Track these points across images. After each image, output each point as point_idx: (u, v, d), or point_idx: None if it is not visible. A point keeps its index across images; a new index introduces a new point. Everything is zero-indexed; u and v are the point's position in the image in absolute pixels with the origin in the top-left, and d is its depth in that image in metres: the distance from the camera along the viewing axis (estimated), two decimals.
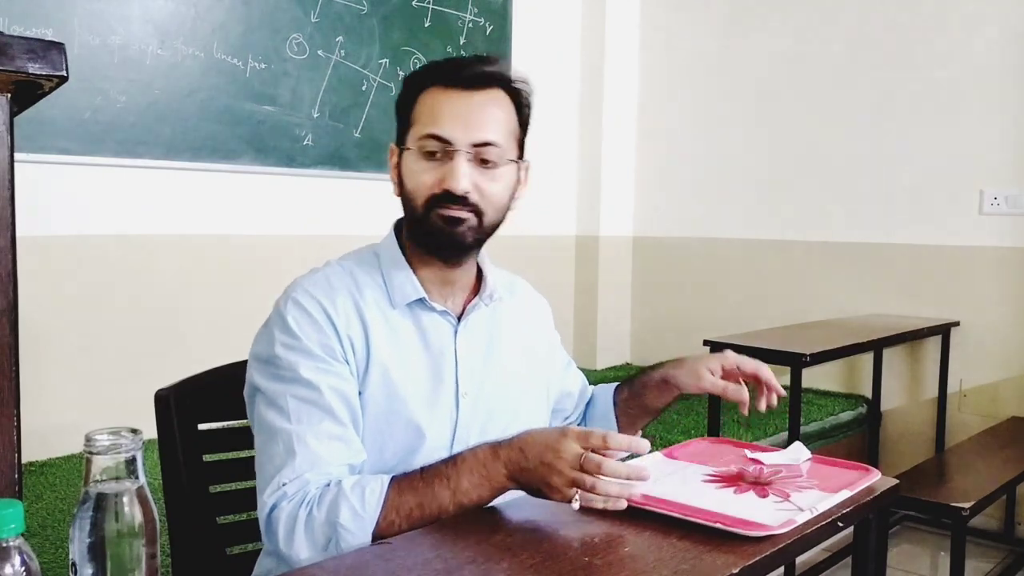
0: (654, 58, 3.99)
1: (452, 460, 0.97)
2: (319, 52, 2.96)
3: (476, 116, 1.04)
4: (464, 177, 1.02)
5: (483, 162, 1.04)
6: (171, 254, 2.67)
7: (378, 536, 0.91)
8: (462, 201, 1.03)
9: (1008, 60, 2.98)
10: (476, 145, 1.03)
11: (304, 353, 1.00)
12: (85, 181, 2.47)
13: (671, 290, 3.95)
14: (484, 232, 1.08)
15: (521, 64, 4.20)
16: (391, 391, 1.04)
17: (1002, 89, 3.00)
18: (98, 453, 0.63)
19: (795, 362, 2.31)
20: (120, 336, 2.55)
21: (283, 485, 0.94)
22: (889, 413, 3.31)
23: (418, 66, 1.11)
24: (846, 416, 3.13)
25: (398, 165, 1.09)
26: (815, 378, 3.35)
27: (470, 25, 3.46)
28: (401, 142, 1.08)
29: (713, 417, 2.44)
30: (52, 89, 0.78)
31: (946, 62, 3.11)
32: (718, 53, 3.76)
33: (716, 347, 2.47)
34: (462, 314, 1.12)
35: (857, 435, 3.22)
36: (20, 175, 0.79)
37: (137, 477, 0.64)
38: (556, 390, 1.30)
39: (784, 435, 2.68)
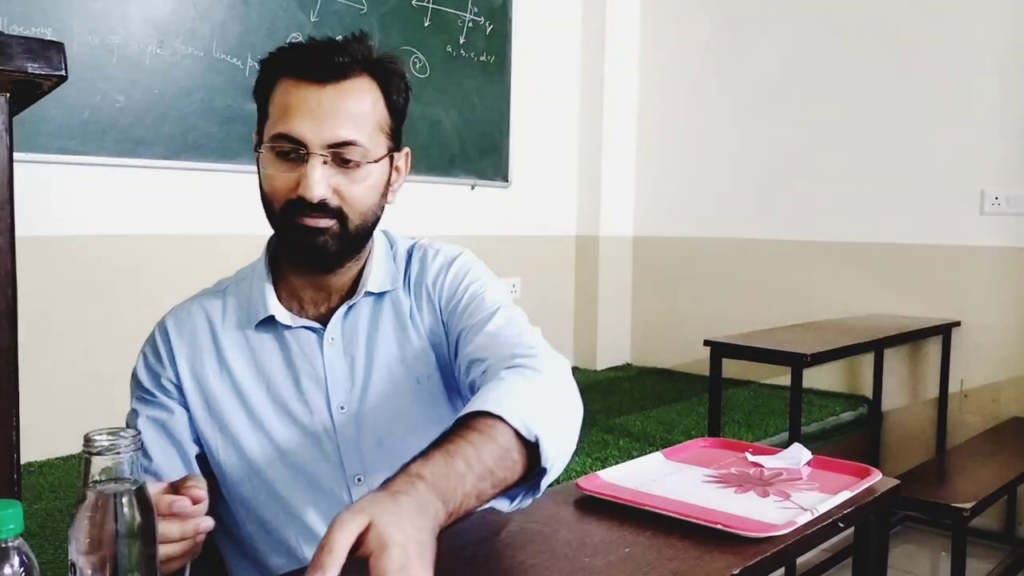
0: (654, 58, 3.99)
1: None
2: None
3: (331, 113, 0.93)
4: (318, 183, 0.92)
5: (344, 162, 0.94)
6: (171, 254, 2.66)
7: None
8: (321, 208, 0.93)
9: (1009, 60, 2.98)
10: (332, 146, 0.93)
11: (136, 384, 1.02)
12: (84, 181, 2.46)
13: (671, 290, 3.95)
14: (351, 238, 0.98)
15: (521, 64, 4.19)
16: (248, 415, 1.01)
17: (1003, 89, 3.00)
18: (97, 453, 0.63)
19: (796, 362, 2.31)
20: (120, 336, 2.54)
21: None
22: (890, 413, 3.31)
23: (274, 49, 1.00)
24: (847, 416, 3.13)
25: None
26: (815, 378, 3.35)
27: (470, 24, 3.46)
28: (259, 133, 0.99)
29: (713, 418, 2.44)
30: (51, 89, 0.78)
31: (947, 61, 3.11)
32: (718, 53, 3.76)
33: (716, 347, 2.47)
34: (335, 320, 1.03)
35: (858, 435, 3.21)
36: (19, 175, 0.78)
37: (136, 477, 0.64)
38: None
39: (785, 435, 2.68)
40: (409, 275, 1.08)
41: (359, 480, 1.02)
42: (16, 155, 0.77)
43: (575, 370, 3.98)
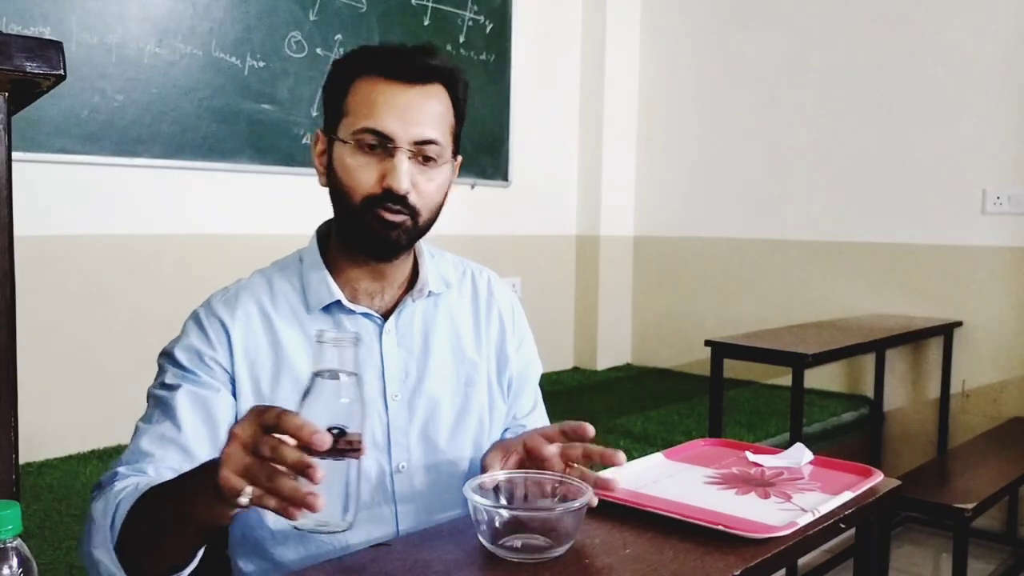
0: (654, 58, 3.99)
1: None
2: (318, 50, 2.95)
3: (417, 111, 0.99)
4: (406, 176, 0.98)
5: (424, 160, 1.00)
6: (169, 253, 2.66)
7: (122, 538, 0.82)
8: (401, 202, 0.98)
9: (1010, 59, 2.98)
10: (418, 143, 0.99)
11: (174, 362, 1.00)
12: (83, 180, 2.46)
13: (671, 290, 3.95)
14: (418, 233, 1.04)
15: (521, 63, 4.19)
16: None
17: (1004, 88, 2.99)
18: (326, 342, 0.72)
19: (797, 362, 2.31)
20: (118, 336, 2.54)
21: (104, 475, 0.93)
22: (891, 414, 3.30)
23: (351, 51, 1.04)
24: (848, 417, 3.13)
25: (326, 155, 1.04)
26: (817, 379, 3.35)
27: (470, 23, 3.45)
28: (331, 131, 1.02)
29: (715, 418, 2.44)
30: (50, 88, 0.78)
31: (948, 60, 3.11)
32: (718, 53, 3.75)
33: (717, 347, 2.47)
34: (393, 312, 1.08)
35: (859, 436, 3.21)
36: (17, 174, 0.78)
37: (353, 370, 0.73)
38: (509, 389, 1.19)
39: (786, 436, 2.68)
40: (476, 291, 1.17)
41: (401, 468, 1.05)
42: (14, 154, 0.77)
43: (575, 370, 3.98)
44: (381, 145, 0.98)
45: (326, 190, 1.06)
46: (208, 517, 0.76)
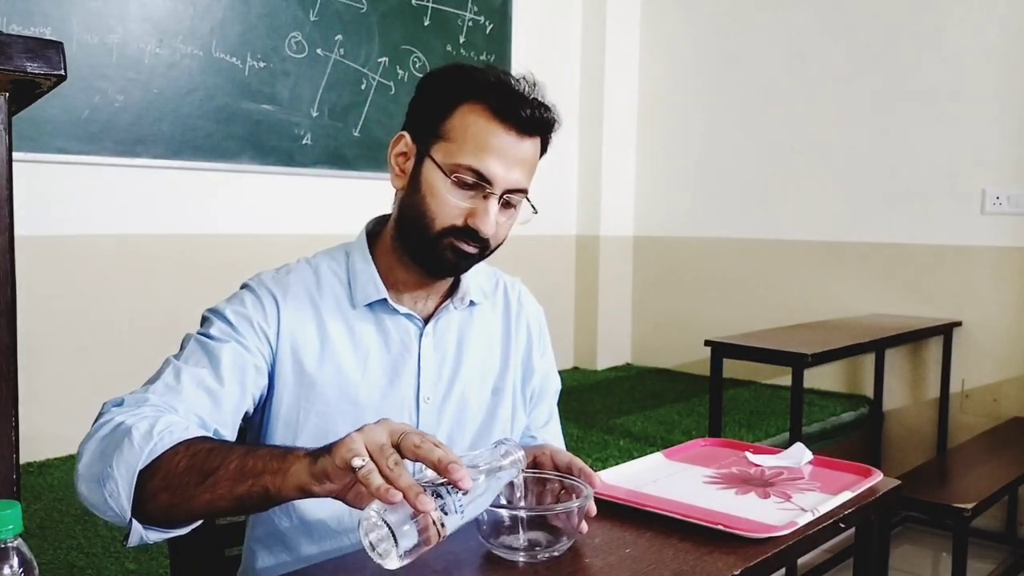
0: (654, 58, 3.99)
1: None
2: (318, 51, 2.95)
3: (521, 163, 1.01)
4: (495, 222, 1.00)
5: (507, 203, 1.02)
6: (169, 254, 2.66)
7: (151, 464, 0.80)
8: (480, 240, 1.01)
9: (1010, 59, 2.98)
10: (510, 190, 1.01)
11: (224, 319, 1.00)
12: (83, 180, 2.46)
13: (671, 290, 3.95)
14: (480, 260, 1.06)
15: (521, 64, 4.20)
16: (343, 391, 1.03)
17: (1004, 88, 3.00)
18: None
19: (797, 362, 2.31)
20: (118, 336, 2.54)
21: (127, 395, 0.90)
22: (891, 413, 3.30)
23: (463, 61, 1.06)
24: (848, 417, 3.13)
25: (410, 162, 1.03)
26: (817, 378, 3.35)
27: (470, 24, 3.45)
28: (423, 140, 1.02)
29: (714, 418, 2.44)
30: (50, 88, 0.78)
31: (948, 61, 3.11)
32: (718, 53, 3.75)
33: (717, 347, 2.47)
34: (433, 316, 1.09)
35: (859, 436, 3.21)
36: (18, 175, 0.78)
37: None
38: (529, 401, 1.21)
39: (785, 436, 2.68)
40: (508, 303, 1.20)
41: (424, 470, 1.04)
42: (15, 155, 0.77)
43: (575, 370, 3.98)
44: (477, 185, 0.99)
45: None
46: (274, 485, 0.75)
